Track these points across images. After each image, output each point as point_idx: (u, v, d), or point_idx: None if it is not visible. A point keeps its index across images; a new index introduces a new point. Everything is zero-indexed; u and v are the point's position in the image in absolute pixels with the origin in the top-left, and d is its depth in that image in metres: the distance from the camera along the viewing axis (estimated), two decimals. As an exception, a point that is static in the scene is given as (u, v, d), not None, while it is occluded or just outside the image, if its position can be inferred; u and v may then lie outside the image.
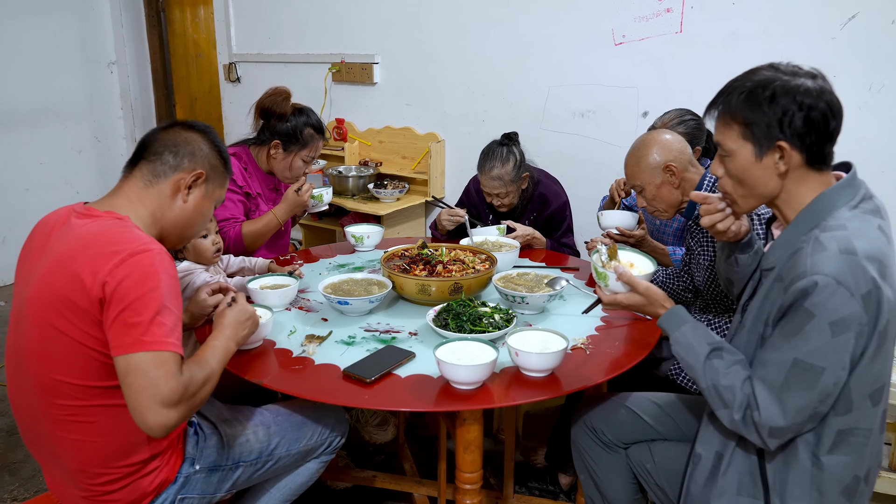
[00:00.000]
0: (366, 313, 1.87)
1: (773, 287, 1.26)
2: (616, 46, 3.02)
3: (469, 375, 1.42)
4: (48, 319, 1.25)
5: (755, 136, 1.25)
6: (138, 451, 1.33)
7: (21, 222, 4.59)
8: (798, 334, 1.17)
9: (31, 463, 2.49)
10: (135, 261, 1.22)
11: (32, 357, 1.29)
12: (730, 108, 1.28)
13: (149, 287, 1.21)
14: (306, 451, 1.62)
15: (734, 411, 1.24)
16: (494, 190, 2.50)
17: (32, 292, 1.29)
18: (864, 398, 1.21)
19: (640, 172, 1.90)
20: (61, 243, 1.29)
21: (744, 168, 1.28)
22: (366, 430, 2.46)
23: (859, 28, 2.50)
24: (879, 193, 1.31)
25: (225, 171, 1.51)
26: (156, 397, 1.18)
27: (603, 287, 1.56)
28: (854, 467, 1.24)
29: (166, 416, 1.19)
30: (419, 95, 3.73)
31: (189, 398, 1.24)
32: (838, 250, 1.15)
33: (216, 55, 4.61)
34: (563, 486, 2.28)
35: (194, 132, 1.46)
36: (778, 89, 1.22)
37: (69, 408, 1.28)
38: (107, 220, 1.32)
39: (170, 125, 1.47)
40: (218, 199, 1.52)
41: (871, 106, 2.52)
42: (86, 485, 1.32)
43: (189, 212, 1.45)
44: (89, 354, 1.25)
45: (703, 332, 1.37)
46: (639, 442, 1.63)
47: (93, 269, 1.21)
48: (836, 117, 1.22)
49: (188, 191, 1.43)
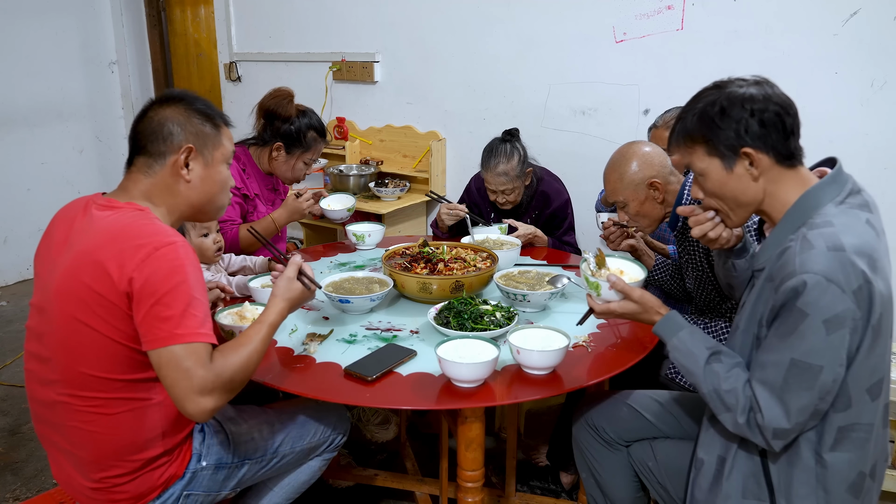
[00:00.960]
0: (367, 311, 1.87)
1: (764, 287, 1.26)
2: (617, 44, 3.02)
3: (471, 373, 1.42)
4: (75, 314, 1.27)
5: (719, 151, 1.29)
6: (153, 447, 1.35)
7: (22, 222, 4.62)
8: (793, 334, 1.17)
9: (34, 462, 2.50)
10: (160, 254, 1.23)
11: (58, 349, 1.31)
12: (686, 131, 1.33)
13: (177, 280, 1.23)
14: (309, 449, 1.62)
15: (738, 415, 1.24)
16: (500, 186, 2.49)
17: (58, 285, 1.30)
18: (862, 393, 1.21)
19: (622, 189, 1.85)
20: (85, 235, 1.30)
21: (719, 183, 1.32)
22: (367, 429, 2.46)
23: (861, 24, 2.49)
24: (881, 190, 1.31)
25: (215, 129, 1.43)
26: (190, 387, 1.22)
27: (595, 297, 1.54)
28: (858, 463, 1.24)
29: (203, 404, 1.23)
30: (420, 94, 3.72)
31: (224, 384, 1.26)
32: (826, 247, 1.15)
33: (217, 54, 4.61)
34: (565, 485, 2.28)
35: (169, 107, 1.40)
36: (725, 102, 1.27)
37: (92, 399, 1.30)
38: (128, 211, 1.32)
39: (144, 111, 1.41)
40: (225, 157, 1.45)
41: (872, 102, 2.51)
42: (97, 476, 1.33)
43: (199, 187, 1.41)
44: (116, 348, 1.27)
45: (701, 336, 1.37)
46: (641, 440, 1.63)
47: (119, 263, 1.23)
48: (789, 114, 1.25)
49: (187, 169, 1.39)
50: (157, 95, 1.51)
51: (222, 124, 1.46)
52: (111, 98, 4.85)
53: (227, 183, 1.47)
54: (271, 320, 1.41)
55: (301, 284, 1.49)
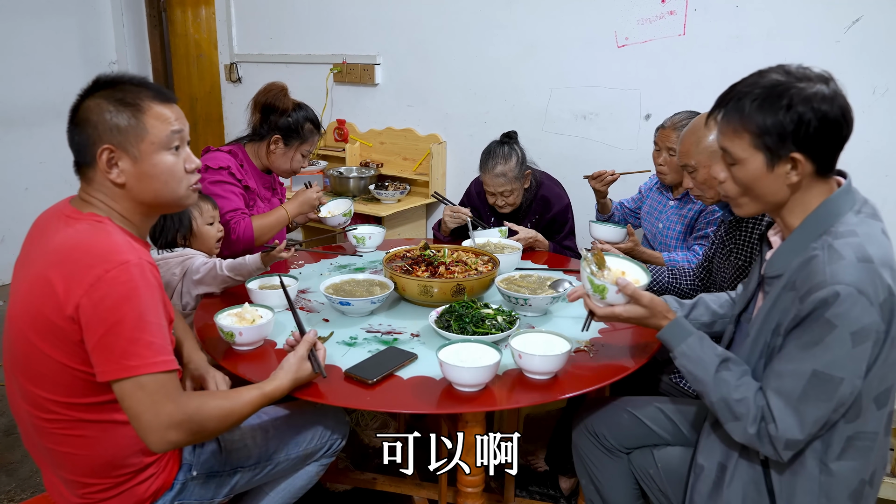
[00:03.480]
0: (367, 314, 1.86)
1: (782, 295, 1.23)
2: (619, 49, 3.01)
3: (472, 377, 1.41)
4: (30, 337, 1.21)
5: (767, 147, 1.20)
6: (131, 462, 1.30)
7: (20, 222, 4.56)
8: (818, 345, 1.14)
9: (29, 463, 2.48)
10: (110, 277, 1.14)
11: (18, 370, 1.27)
12: (741, 115, 1.22)
13: (128, 307, 1.14)
14: (306, 455, 1.60)
15: (748, 425, 1.21)
16: (499, 188, 2.49)
17: (16, 307, 1.25)
18: (870, 402, 1.20)
19: (696, 153, 1.79)
20: (41, 254, 1.24)
21: (754, 177, 1.24)
22: (365, 434, 2.45)
23: (863, 31, 2.49)
24: (882, 196, 1.31)
25: (134, 116, 1.23)
26: (156, 420, 1.16)
27: (598, 299, 1.48)
28: (861, 471, 1.23)
29: (168, 436, 1.18)
30: (421, 97, 3.72)
31: (193, 426, 1.21)
32: (856, 258, 1.14)
33: (217, 55, 4.61)
34: (564, 491, 2.27)
35: (89, 100, 1.26)
36: (795, 97, 1.17)
37: (57, 422, 1.25)
38: (86, 224, 1.23)
39: (74, 108, 1.28)
40: (160, 142, 1.25)
41: (874, 109, 2.51)
42: (80, 492, 1.31)
43: (138, 186, 1.26)
44: (73, 374, 1.20)
45: (710, 343, 1.35)
46: (641, 447, 1.61)
47: (67, 286, 1.15)
48: (848, 123, 1.20)
49: (117, 170, 1.24)
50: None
51: (148, 104, 1.25)
52: (111, 98, 4.84)
53: (173, 168, 1.28)
54: (269, 392, 1.35)
55: (310, 366, 1.43)
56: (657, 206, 2.50)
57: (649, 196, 2.57)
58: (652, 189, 2.58)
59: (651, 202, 2.55)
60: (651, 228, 2.52)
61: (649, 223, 2.54)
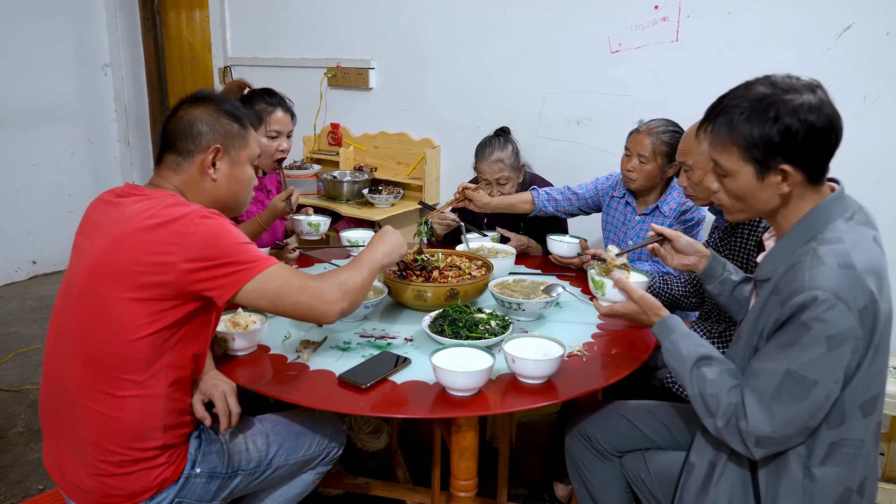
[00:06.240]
0: (361, 319, 1.86)
1: (769, 299, 1.25)
2: (612, 54, 3.03)
3: (465, 382, 1.41)
4: (102, 290, 1.29)
5: (756, 159, 1.22)
6: (153, 437, 1.34)
7: (12, 224, 4.58)
8: (794, 346, 1.16)
9: (19, 468, 2.46)
10: (195, 224, 1.29)
11: (79, 327, 1.33)
12: (729, 128, 1.24)
13: (220, 235, 1.31)
14: (304, 462, 1.60)
15: (717, 419, 1.25)
16: (496, 175, 2.49)
17: (91, 265, 1.32)
18: (854, 409, 1.21)
19: (696, 153, 1.81)
20: (119, 220, 1.33)
21: (745, 189, 1.27)
22: (358, 438, 2.44)
23: (854, 39, 2.51)
24: (874, 203, 1.31)
25: (242, 129, 1.50)
26: (317, 290, 1.37)
27: (600, 296, 1.58)
28: (846, 479, 1.23)
29: (338, 304, 1.39)
30: (415, 101, 3.73)
31: (347, 290, 1.42)
32: (837, 265, 1.15)
33: (211, 58, 4.60)
34: (561, 499, 2.26)
35: (199, 107, 1.46)
36: (781, 109, 1.18)
37: (105, 377, 1.31)
38: (163, 193, 1.38)
39: (175, 109, 1.47)
40: (250, 157, 1.52)
41: (865, 116, 2.53)
42: (95, 461, 1.32)
43: (224, 185, 1.47)
44: (139, 333, 1.29)
45: (695, 340, 1.38)
46: (633, 450, 1.62)
47: (160, 239, 1.28)
48: (836, 131, 1.20)
49: (214, 168, 1.45)
50: (151, 98, 1.56)
51: (249, 125, 1.52)
52: (104, 101, 4.82)
53: (251, 182, 1.54)
54: (364, 259, 1.54)
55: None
56: (621, 217, 2.43)
57: (612, 205, 2.48)
58: (614, 198, 2.47)
59: (615, 213, 2.46)
60: (616, 241, 2.47)
61: (614, 235, 2.49)
